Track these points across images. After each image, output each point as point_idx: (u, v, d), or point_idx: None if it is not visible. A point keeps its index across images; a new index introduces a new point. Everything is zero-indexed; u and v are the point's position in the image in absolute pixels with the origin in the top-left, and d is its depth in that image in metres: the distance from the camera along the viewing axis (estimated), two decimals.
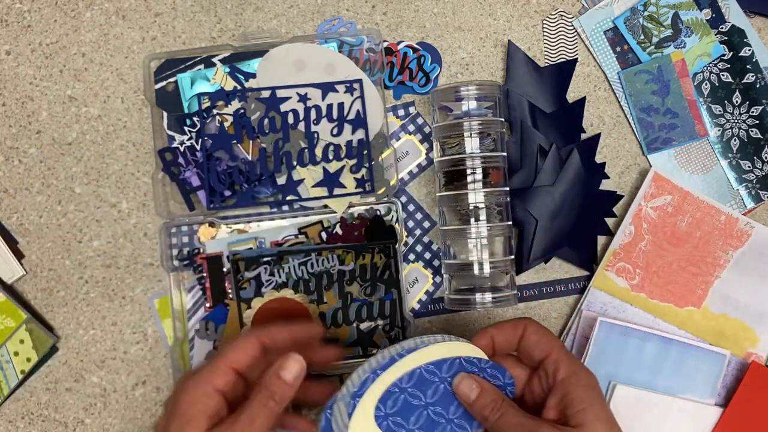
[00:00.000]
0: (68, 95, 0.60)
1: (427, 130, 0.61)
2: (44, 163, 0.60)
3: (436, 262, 0.60)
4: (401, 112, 0.61)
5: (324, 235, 0.58)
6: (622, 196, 0.62)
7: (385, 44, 0.61)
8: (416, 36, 0.61)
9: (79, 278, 0.59)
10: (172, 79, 0.58)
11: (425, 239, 0.61)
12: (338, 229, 0.58)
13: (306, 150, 0.58)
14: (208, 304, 0.58)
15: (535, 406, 0.47)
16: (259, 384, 0.44)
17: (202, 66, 0.58)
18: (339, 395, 0.45)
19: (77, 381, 0.59)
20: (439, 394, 0.45)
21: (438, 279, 0.60)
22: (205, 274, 0.58)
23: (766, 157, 0.62)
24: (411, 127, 0.61)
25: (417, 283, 0.60)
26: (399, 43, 0.61)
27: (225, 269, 0.57)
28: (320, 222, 0.58)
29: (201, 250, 0.58)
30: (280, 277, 0.57)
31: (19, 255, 0.59)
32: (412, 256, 0.60)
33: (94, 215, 0.59)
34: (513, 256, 0.57)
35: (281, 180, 0.57)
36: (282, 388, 0.44)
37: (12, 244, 0.59)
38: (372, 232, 0.58)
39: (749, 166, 0.62)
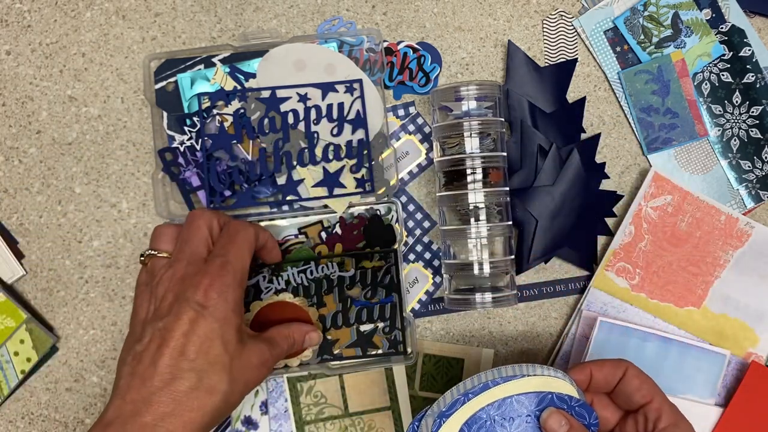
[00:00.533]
0: (68, 95, 0.60)
1: (427, 130, 0.61)
2: (44, 163, 0.60)
3: (436, 262, 0.60)
4: (401, 112, 0.61)
5: (324, 234, 0.58)
6: (622, 196, 0.62)
7: (385, 44, 0.61)
8: (416, 36, 0.61)
9: (79, 278, 0.59)
10: (172, 79, 0.58)
11: (425, 239, 0.61)
12: (337, 229, 0.58)
13: (306, 150, 0.58)
14: None
15: None
16: (290, 329, 0.54)
17: (202, 66, 0.58)
18: (429, 411, 0.45)
19: (77, 381, 0.59)
20: (524, 426, 0.45)
21: (438, 279, 0.60)
22: None
23: (766, 157, 0.62)
24: (411, 127, 0.61)
25: (417, 283, 0.60)
26: (399, 43, 0.61)
27: None
28: (320, 222, 0.58)
29: None
30: (279, 284, 0.57)
31: (19, 255, 0.59)
32: (412, 256, 0.60)
33: (94, 215, 0.60)
34: (513, 256, 0.57)
35: (281, 180, 0.57)
36: (299, 347, 0.55)
37: (12, 244, 0.59)
38: (371, 231, 0.58)
39: (749, 166, 0.62)
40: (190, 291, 0.46)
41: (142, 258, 0.51)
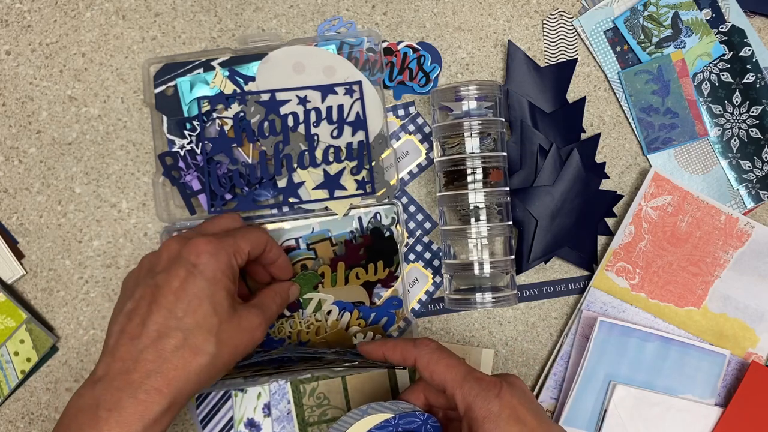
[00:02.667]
0: (68, 95, 0.60)
1: (427, 130, 0.61)
2: (44, 163, 0.60)
3: (436, 262, 0.60)
4: (401, 112, 0.61)
5: (335, 251, 0.58)
6: (622, 196, 0.62)
7: (385, 44, 0.61)
8: (416, 36, 0.61)
9: (79, 278, 0.59)
10: (171, 83, 0.58)
11: (425, 239, 0.61)
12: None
13: (306, 152, 0.58)
14: None
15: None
16: (278, 287, 0.54)
17: (201, 70, 0.58)
18: None
19: (77, 381, 0.59)
20: None
21: (438, 279, 0.60)
22: None
23: (766, 157, 0.62)
24: (411, 127, 0.61)
25: (417, 283, 0.60)
26: (399, 43, 0.61)
27: None
28: (329, 239, 0.58)
29: None
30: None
31: (19, 255, 0.59)
32: (412, 256, 0.60)
33: (94, 215, 0.59)
34: (513, 256, 0.57)
35: (282, 183, 0.57)
36: (287, 302, 0.55)
37: (12, 244, 0.59)
38: (374, 250, 0.58)
39: (749, 166, 0.62)
40: (186, 251, 0.47)
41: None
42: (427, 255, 0.60)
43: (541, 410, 0.45)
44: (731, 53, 0.62)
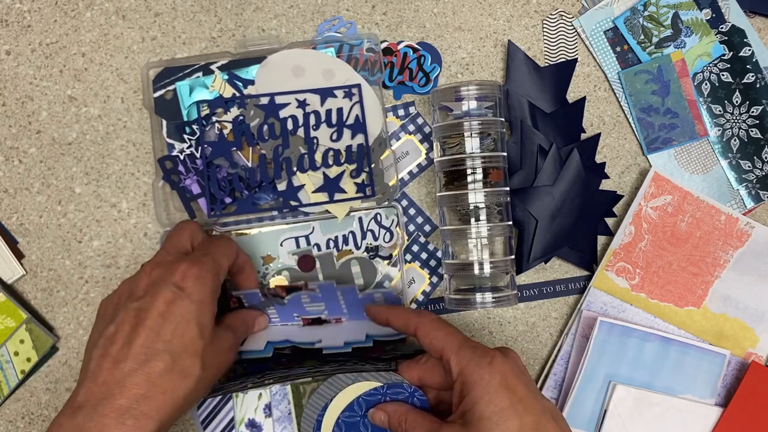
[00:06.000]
0: (68, 95, 0.60)
1: (427, 130, 0.61)
2: (44, 163, 0.60)
3: (432, 262, 0.60)
4: (401, 112, 0.61)
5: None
6: (622, 196, 0.62)
7: (385, 44, 0.61)
8: (416, 36, 0.61)
9: (79, 278, 0.59)
10: (170, 87, 0.58)
11: (421, 239, 0.61)
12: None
13: (306, 156, 0.58)
14: None
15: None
16: (244, 314, 0.54)
17: (200, 73, 0.58)
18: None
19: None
20: (371, 430, 0.51)
21: (435, 279, 0.60)
22: None
23: (766, 157, 0.62)
24: (411, 127, 0.61)
25: (414, 284, 0.60)
26: (399, 43, 0.61)
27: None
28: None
29: None
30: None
31: (19, 255, 0.59)
32: (408, 257, 0.60)
33: (94, 215, 0.59)
34: (513, 256, 0.57)
35: (281, 186, 0.57)
36: (250, 331, 0.55)
37: (12, 244, 0.59)
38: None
39: (749, 166, 0.62)
40: (168, 274, 0.46)
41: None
42: (424, 255, 0.60)
43: (531, 383, 0.46)
44: (731, 53, 0.62)
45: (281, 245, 0.58)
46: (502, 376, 0.44)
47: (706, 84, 0.62)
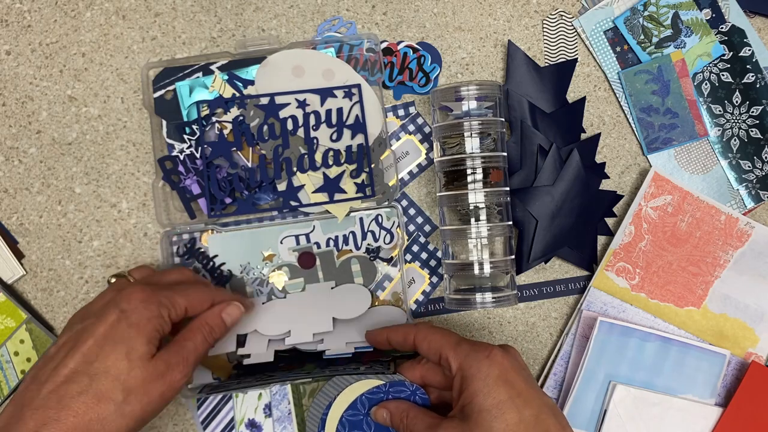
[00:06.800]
0: (68, 95, 0.60)
1: (427, 130, 0.61)
2: (44, 163, 0.60)
3: (432, 262, 0.60)
4: (401, 112, 0.61)
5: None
6: (622, 196, 0.62)
7: (385, 44, 0.61)
8: (416, 36, 0.61)
9: (79, 278, 0.59)
10: (170, 88, 0.58)
11: (421, 239, 0.61)
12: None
13: (306, 156, 0.58)
14: None
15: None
16: (200, 319, 0.50)
17: (200, 74, 0.58)
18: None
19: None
20: (374, 427, 0.51)
21: (435, 279, 0.60)
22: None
23: (766, 157, 0.62)
24: (411, 127, 0.61)
25: (414, 284, 0.60)
26: (399, 43, 0.61)
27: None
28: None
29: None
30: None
31: (19, 255, 0.59)
32: (408, 257, 0.60)
33: (94, 215, 0.59)
34: (513, 256, 0.57)
35: (281, 186, 0.57)
36: (221, 327, 0.51)
37: (12, 244, 0.59)
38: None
39: (749, 166, 0.62)
40: (119, 297, 0.47)
41: (110, 280, 0.52)
42: (424, 255, 0.60)
43: (531, 378, 0.46)
44: (731, 53, 0.62)
45: (281, 242, 0.58)
46: (501, 369, 0.45)
47: (706, 84, 0.62)
